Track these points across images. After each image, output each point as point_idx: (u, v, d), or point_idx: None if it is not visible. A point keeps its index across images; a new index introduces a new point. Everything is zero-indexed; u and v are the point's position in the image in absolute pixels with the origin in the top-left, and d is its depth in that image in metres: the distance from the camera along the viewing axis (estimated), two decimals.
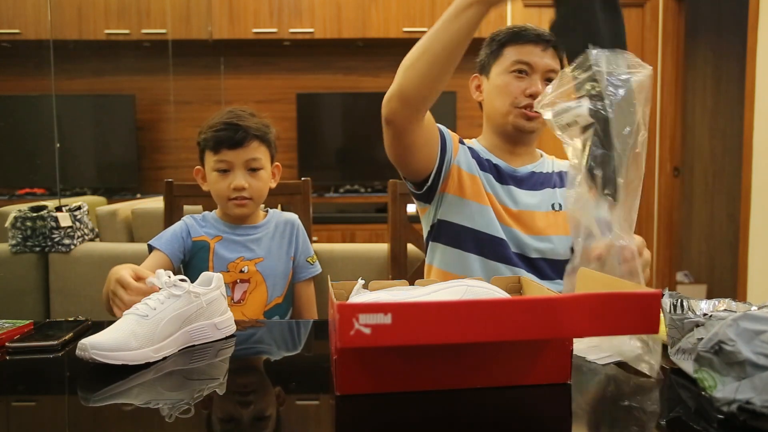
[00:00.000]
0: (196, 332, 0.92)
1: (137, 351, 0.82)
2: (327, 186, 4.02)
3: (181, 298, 0.90)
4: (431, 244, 1.36)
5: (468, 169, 1.31)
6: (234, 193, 1.33)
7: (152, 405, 0.71)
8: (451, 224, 1.31)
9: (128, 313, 0.87)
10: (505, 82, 1.29)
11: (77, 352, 0.81)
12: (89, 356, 0.80)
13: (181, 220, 1.40)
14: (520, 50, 1.29)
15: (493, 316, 0.64)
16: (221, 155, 1.32)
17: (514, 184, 1.33)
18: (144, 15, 3.82)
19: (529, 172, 1.36)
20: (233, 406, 0.71)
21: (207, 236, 1.36)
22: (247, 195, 1.33)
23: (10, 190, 3.93)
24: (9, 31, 3.75)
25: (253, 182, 1.34)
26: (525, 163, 1.38)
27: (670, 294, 0.82)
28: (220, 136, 1.31)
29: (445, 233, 1.32)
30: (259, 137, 1.35)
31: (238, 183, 1.32)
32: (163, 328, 0.86)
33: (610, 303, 0.66)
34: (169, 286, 0.90)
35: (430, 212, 1.35)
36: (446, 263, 1.32)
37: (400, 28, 3.78)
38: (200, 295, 0.92)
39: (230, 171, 1.33)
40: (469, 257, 1.29)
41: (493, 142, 1.38)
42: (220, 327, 0.95)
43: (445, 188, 1.30)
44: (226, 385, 0.78)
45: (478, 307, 0.64)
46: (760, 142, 3.06)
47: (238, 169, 1.33)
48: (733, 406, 0.61)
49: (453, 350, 0.71)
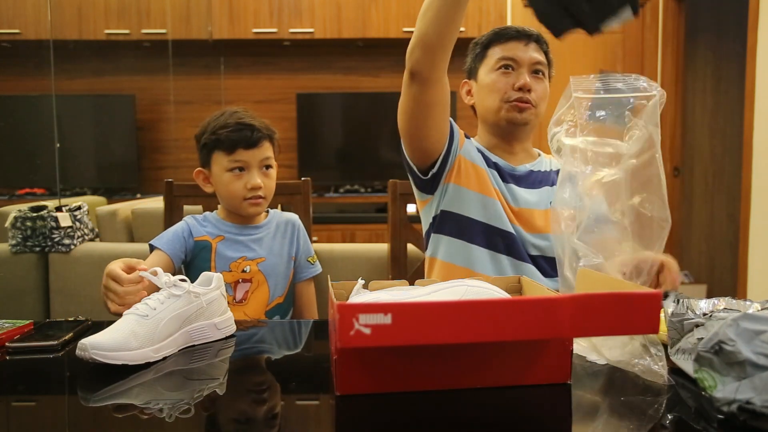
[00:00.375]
0: (196, 332, 0.92)
1: (137, 351, 0.82)
2: (327, 186, 4.02)
3: (181, 298, 0.90)
4: (433, 236, 1.36)
5: (474, 161, 1.32)
6: (250, 192, 1.33)
7: (152, 405, 0.71)
8: (456, 215, 1.31)
9: (128, 313, 0.87)
10: (493, 79, 1.32)
11: (77, 352, 0.81)
12: (89, 356, 0.80)
13: (183, 220, 1.40)
14: (503, 48, 1.32)
15: (493, 316, 0.64)
16: (237, 155, 1.32)
17: (514, 182, 1.34)
18: (144, 15, 3.82)
19: (528, 170, 1.37)
20: (233, 406, 0.71)
21: (209, 236, 1.36)
22: (262, 194, 1.35)
23: (10, 190, 3.93)
24: (9, 31, 3.75)
25: (267, 181, 1.36)
26: (523, 161, 1.38)
27: (675, 296, 0.82)
28: (236, 137, 1.32)
29: (449, 224, 1.32)
30: (269, 137, 1.38)
31: (255, 182, 1.33)
32: (163, 328, 0.86)
33: (610, 303, 0.66)
34: (169, 286, 0.90)
35: (432, 203, 1.35)
36: (450, 255, 1.32)
37: (400, 28, 3.78)
38: (200, 295, 0.92)
39: (245, 171, 1.34)
40: (476, 249, 1.29)
41: (489, 142, 1.39)
42: (220, 327, 0.95)
43: (450, 178, 1.31)
44: (226, 385, 0.78)
45: (478, 307, 0.64)
46: (760, 142, 3.06)
47: (254, 169, 1.34)
48: (733, 406, 0.61)
49: (453, 350, 0.71)
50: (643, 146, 0.82)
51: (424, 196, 1.36)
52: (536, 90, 1.31)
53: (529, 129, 1.36)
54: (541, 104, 1.33)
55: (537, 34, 1.33)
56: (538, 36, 1.33)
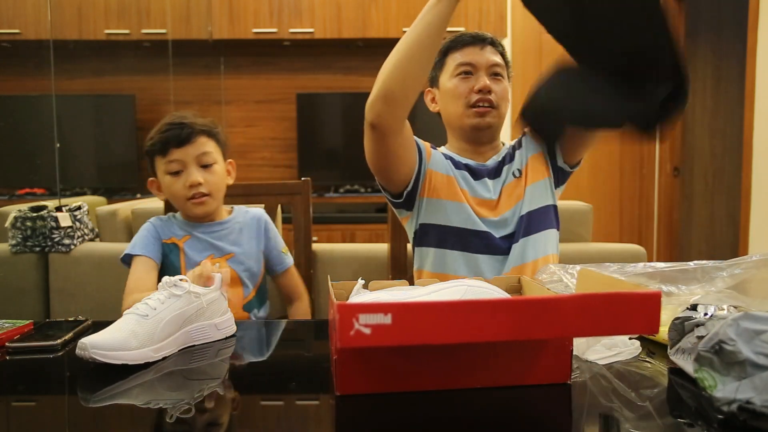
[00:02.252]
0: (197, 332, 0.92)
1: (137, 351, 0.82)
2: (327, 186, 4.01)
3: (181, 298, 0.90)
4: (417, 249, 1.39)
5: (443, 171, 1.35)
6: (191, 191, 1.31)
7: (152, 405, 0.71)
8: (434, 226, 1.33)
9: (128, 313, 0.87)
10: (454, 84, 1.35)
11: (77, 352, 0.81)
12: (89, 356, 0.80)
13: (147, 222, 1.38)
14: (461, 53, 1.36)
15: (493, 316, 0.63)
16: (170, 155, 1.30)
17: (487, 176, 1.37)
18: (144, 15, 3.81)
19: (497, 162, 1.40)
20: (233, 406, 0.71)
21: (175, 237, 1.36)
22: (204, 191, 1.32)
23: (10, 190, 3.92)
24: (9, 31, 3.75)
25: (208, 177, 1.32)
26: (491, 156, 1.42)
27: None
28: (167, 136, 1.30)
29: (429, 236, 1.35)
30: (206, 132, 1.34)
31: (193, 179, 1.30)
32: (163, 328, 0.86)
33: (610, 303, 0.66)
34: (169, 286, 0.90)
35: (412, 219, 1.38)
36: (435, 265, 1.34)
37: (400, 28, 3.78)
38: (201, 295, 0.92)
39: (183, 171, 1.31)
40: (452, 254, 1.31)
41: (459, 146, 1.42)
42: (220, 327, 0.95)
43: (424, 193, 1.34)
44: (226, 385, 0.78)
45: (478, 307, 0.64)
46: (760, 142, 3.06)
47: (191, 166, 1.31)
48: (733, 405, 0.61)
49: (453, 350, 0.71)
50: None
51: (403, 213, 1.39)
52: (496, 91, 1.34)
53: (494, 130, 1.39)
54: (503, 104, 1.36)
55: (491, 37, 1.37)
56: (493, 39, 1.37)
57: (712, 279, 0.86)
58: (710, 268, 0.87)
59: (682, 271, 0.88)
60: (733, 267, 0.86)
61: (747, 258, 0.87)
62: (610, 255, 1.88)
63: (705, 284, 0.86)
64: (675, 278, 0.88)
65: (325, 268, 1.55)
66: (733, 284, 0.85)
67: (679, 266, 0.89)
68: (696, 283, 0.87)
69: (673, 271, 0.89)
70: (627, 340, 0.85)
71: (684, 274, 0.88)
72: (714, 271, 0.87)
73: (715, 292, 0.84)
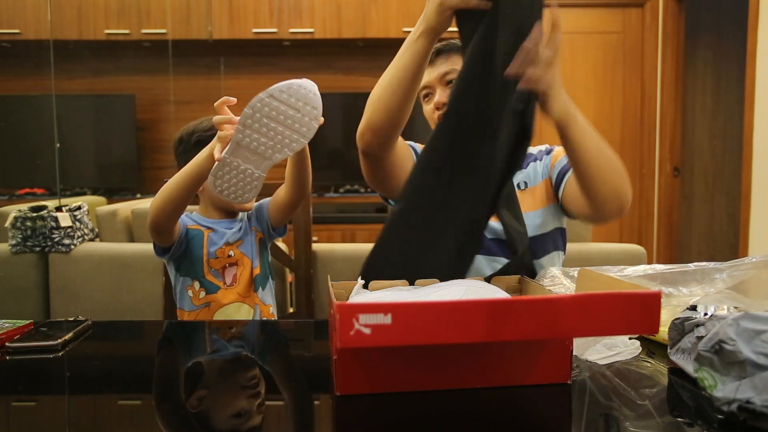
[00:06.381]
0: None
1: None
2: (327, 186, 4.02)
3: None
4: None
5: None
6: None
7: (152, 405, 0.71)
8: None
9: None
10: (425, 108, 1.36)
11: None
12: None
13: None
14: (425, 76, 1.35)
15: (493, 316, 0.63)
16: None
17: None
18: (144, 15, 3.82)
19: None
20: (233, 406, 0.71)
21: (200, 225, 1.42)
22: None
23: (10, 190, 3.93)
24: (9, 31, 3.75)
25: None
26: None
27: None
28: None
29: None
30: None
31: None
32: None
33: (610, 303, 0.66)
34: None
35: None
36: None
37: (400, 28, 3.78)
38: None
39: None
40: None
41: None
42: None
43: None
44: (225, 385, 0.78)
45: (478, 307, 0.64)
46: (760, 142, 3.06)
47: None
48: (733, 405, 0.61)
49: (453, 350, 0.71)
50: None
51: None
52: None
53: None
54: None
55: (440, 45, 1.32)
56: (441, 47, 1.32)
57: (712, 280, 0.86)
58: (710, 270, 0.87)
59: (681, 273, 0.88)
60: (732, 268, 0.86)
61: (747, 259, 0.87)
62: (610, 255, 1.88)
63: (705, 285, 0.86)
64: (675, 280, 0.88)
65: (325, 268, 1.55)
66: (732, 285, 0.85)
67: (678, 268, 0.89)
68: (696, 285, 0.87)
69: (673, 273, 0.89)
70: (627, 340, 0.85)
71: (684, 275, 0.88)
72: (714, 273, 0.87)
73: (715, 293, 0.84)
